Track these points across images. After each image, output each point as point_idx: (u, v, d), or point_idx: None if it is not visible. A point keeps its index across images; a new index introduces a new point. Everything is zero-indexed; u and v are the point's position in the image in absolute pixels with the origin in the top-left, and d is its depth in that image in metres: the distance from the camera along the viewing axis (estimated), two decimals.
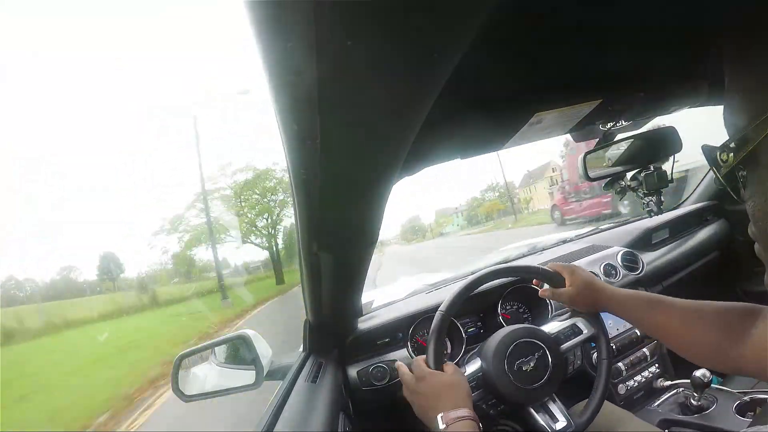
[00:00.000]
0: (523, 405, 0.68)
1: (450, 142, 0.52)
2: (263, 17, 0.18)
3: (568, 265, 0.73)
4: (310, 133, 0.27)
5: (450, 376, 0.63)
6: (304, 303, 0.80)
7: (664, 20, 0.40)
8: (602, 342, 0.72)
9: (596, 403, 0.68)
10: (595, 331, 0.72)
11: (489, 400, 0.70)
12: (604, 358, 0.71)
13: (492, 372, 0.68)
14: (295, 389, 0.71)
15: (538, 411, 0.68)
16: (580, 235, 1.47)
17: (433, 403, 0.59)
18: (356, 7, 0.17)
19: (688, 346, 0.55)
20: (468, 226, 45.27)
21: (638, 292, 0.66)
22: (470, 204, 50.59)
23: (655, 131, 0.70)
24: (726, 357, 0.50)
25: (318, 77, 0.21)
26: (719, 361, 0.52)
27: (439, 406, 0.58)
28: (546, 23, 0.36)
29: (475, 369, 0.71)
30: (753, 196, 0.31)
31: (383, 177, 0.37)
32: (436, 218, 60.54)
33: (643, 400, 1.03)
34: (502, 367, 0.68)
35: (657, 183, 0.72)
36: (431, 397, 0.61)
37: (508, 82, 0.47)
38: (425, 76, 0.24)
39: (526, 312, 1.05)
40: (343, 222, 0.47)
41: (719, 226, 1.41)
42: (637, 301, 0.63)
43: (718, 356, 0.51)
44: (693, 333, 0.54)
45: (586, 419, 0.67)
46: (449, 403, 0.57)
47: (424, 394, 0.62)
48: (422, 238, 50.57)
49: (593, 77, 0.51)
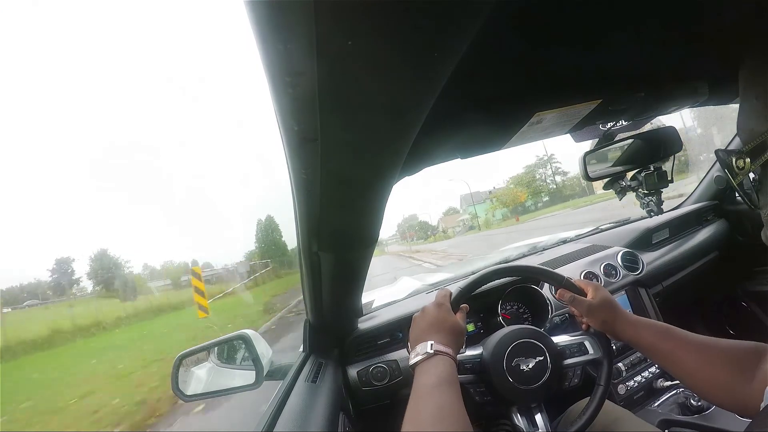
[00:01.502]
0: (510, 402, 0.68)
1: (450, 142, 0.52)
2: (263, 17, 0.18)
3: (592, 282, 0.73)
4: (311, 134, 0.27)
5: (457, 320, 0.64)
6: (304, 303, 0.80)
7: (664, 20, 0.40)
8: (604, 368, 0.70)
9: (582, 424, 0.67)
10: (600, 356, 0.71)
11: (478, 387, 0.70)
12: (601, 384, 0.69)
13: (490, 361, 0.68)
14: (295, 389, 0.71)
15: (522, 414, 0.68)
16: (580, 235, 1.47)
17: (430, 330, 0.61)
18: (356, 7, 0.17)
19: (700, 383, 0.56)
20: (509, 214, 41.46)
21: (653, 321, 0.66)
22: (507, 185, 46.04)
23: (655, 131, 0.71)
24: (735, 395, 0.50)
25: (318, 77, 0.21)
26: (729, 399, 0.52)
27: (435, 336, 0.59)
28: (546, 23, 0.36)
29: (475, 354, 0.72)
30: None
31: (383, 177, 0.37)
32: (462, 207, 54.69)
33: (643, 400, 1.03)
34: (501, 359, 0.68)
35: (657, 183, 0.72)
36: (434, 325, 0.62)
37: (508, 82, 0.47)
38: (425, 76, 0.24)
39: (526, 312, 1.05)
40: (343, 222, 0.47)
41: (719, 226, 1.41)
42: (649, 330, 0.63)
43: (728, 394, 0.51)
44: (704, 369, 0.55)
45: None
46: (444, 339, 0.59)
47: (432, 319, 0.63)
48: (469, 230, 42.47)
49: (593, 77, 0.51)
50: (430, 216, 78.59)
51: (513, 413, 0.68)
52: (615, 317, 0.67)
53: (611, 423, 0.75)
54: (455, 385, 0.51)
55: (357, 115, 0.26)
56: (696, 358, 0.56)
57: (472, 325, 1.02)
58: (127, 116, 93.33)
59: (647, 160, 0.72)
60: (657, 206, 0.75)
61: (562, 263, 1.18)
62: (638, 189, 0.74)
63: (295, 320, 6.63)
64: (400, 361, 0.92)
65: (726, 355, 0.53)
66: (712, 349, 0.55)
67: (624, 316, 0.67)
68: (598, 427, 0.72)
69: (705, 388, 0.55)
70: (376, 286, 1.52)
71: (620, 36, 0.42)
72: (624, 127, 0.68)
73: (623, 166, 0.74)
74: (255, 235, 37.12)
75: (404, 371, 0.90)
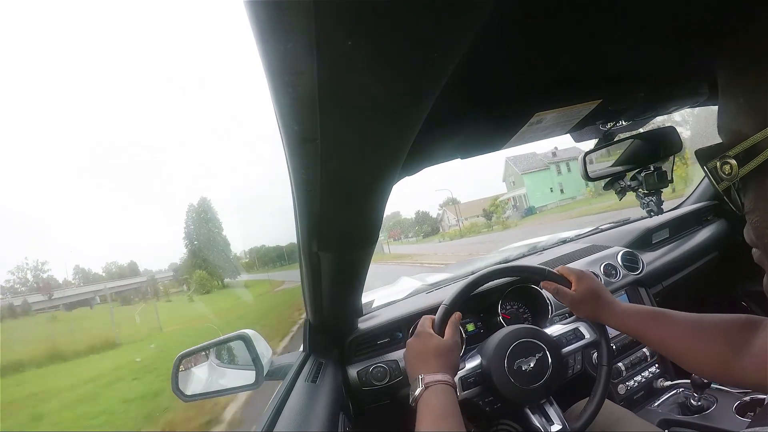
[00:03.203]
0: (520, 405, 0.68)
1: (450, 142, 0.52)
2: (263, 17, 0.18)
3: (576, 270, 0.72)
4: (311, 134, 0.27)
5: (444, 341, 0.63)
6: (304, 303, 0.80)
7: (664, 20, 0.40)
8: (603, 348, 0.72)
9: (593, 408, 0.68)
10: (596, 337, 0.72)
11: (486, 398, 0.70)
12: (604, 364, 0.71)
13: (491, 369, 0.68)
14: (295, 389, 0.71)
15: (534, 412, 0.68)
16: (580, 235, 1.47)
17: (417, 364, 0.61)
18: (356, 7, 0.17)
19: (691, 359, 0.56)
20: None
21: (640, 306, 0.66)
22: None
23: (655, 131, 0.70)
24: (728, 369, 0.50)
25: (318, 77, 0.21)
26: (722, 373, 0.52)
27: (423, 368, 0.59)
28: (546, 23, 0.36)
29: (475, 365, 0.71)
30: (757, 209, 0.29)
31: (383, 177, 0.37)
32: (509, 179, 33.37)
33: (643, 400, 1.03)
34: (502, 365, 0.68)
35: (657, 183, 0.72)
36: (419, 356, 0.62)
37: (508, 82, 0.47)
38: (425, 76, 0.24)
39: (527, 312, 1.05)
40: (343, 222, 0.47)
41: (719, 226, 1.41)
42: (639, 316, 0.63)
43: (721, 369, 0.51)
44: (695, 346, 0.55)
45: (582, 424, 0.67)
46: (433, 367, 0.59)
47: (416, 352, 0.63)
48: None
49: (593, 77, 0.51)
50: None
51: (526, 414, 0.69)
52: (601, 307, 0.67)
53: (613, 423, 0.75)
54: (453, 416, 0.52)
55: (357, 115, 0.26)
56: (686, 338, 0.56)
57: (472, 324, 1.02)
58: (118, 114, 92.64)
59: (647, 160, 0.72)
60: (657, 206, 0.75)
61: (562, 263, 1.18)
62: (638, 189, 0.74)
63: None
64: (400, 361, 0.92)
65: (716, 329, 0.53)
66: (701, 325, 0.55)
67: (610, 305, 0.66)
68: (599, 427, 0.72)
69: (698, 366, 0.55)
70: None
71: (620, 36, 0.42)
72: (624, 127, 0.68)
73: (623, 166, 0.74)
74: (183, 229, 26.78)
75: (404, 371, 0.90)
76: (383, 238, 44.20)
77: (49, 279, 34.13)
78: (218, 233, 26.68)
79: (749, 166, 0.27)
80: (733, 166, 0.28)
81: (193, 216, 26.71)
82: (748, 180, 0.28)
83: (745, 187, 0.29)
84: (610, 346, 0.72)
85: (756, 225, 0.30)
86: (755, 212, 0.29)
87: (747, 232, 0.32)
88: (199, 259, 23.85)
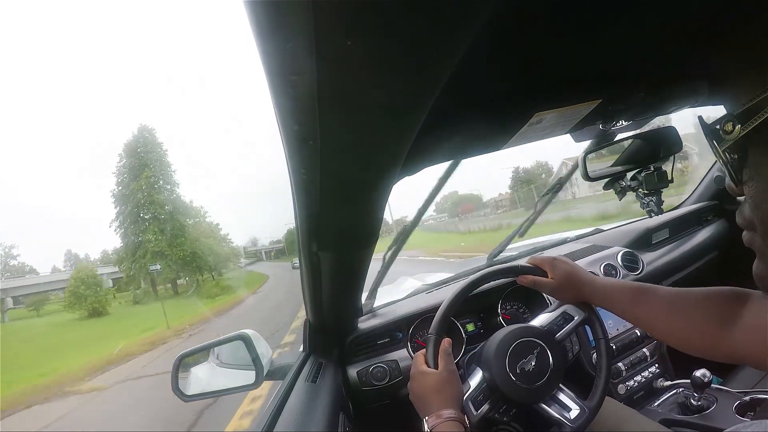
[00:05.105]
0: (534, 402, 0.68)
1: (450, 142, 0.52)
2: (263, 17, 0.18)
3: (547, 257, 0.72)
4: (310, 134, 0.27)
5: (439, 374, 0.63)
6: (305, 303, 0.80)
7: (664, 20, 0.40)
8: (595, 322, 0.72)
9: (603, 384, 0.69)
10: (586, 314, 0.72)
11: (500, 408, 0.69)
12: (601, 337, 0.71)
13: (496, 379, 0.68)
14: (295, 389, 0.71)
15: (550, 404, 0.68)
16: (580, 235, 1.47)
17: (421, 405, 0.61)
18: (356, 7, 0.17)
19: (675, 334, 0.54)
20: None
21: (622, 282, 0.64)
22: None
23: (655, 131, 0.70)
24: (716, 343, 0.48)
25: (318, 77, 0.21)
26: (709, 347, 0.50)
27: (427, 408, 0.59)
28: (546, 23, 0.36)
29: (479, 380, 0.70)
30: (755, 177, 0.28)
31: (383, 177, 0.37)
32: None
33: (643, 400, 1.03)
34: (505, 372, 0.68)
35: (657, 183, 0.72)
36: (420, 399, 0.62)
37: (508, 82, 0.47)
38: (425, 76, 0.24)
39: (527, 312, 1.05)
40: (343, 222, 0.47)
41: (719, 226, 1.41)
42: (621, 292, 0.61)
43: (707, 343, 0.50)
44: (680, 321, 0.53)
45: (596, 401, 0.67)
46: (435, 405, 0.59)
47: (417, 395, 0.64)
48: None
49: (593, 77, 0.51)
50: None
51: (542, 408, 0.69)
52: (581, 288, 0.66)
53: (616, 422, 0.75)
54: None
55: (357, 115, 0.26)
56: (669, 311, 0.54)
57: (472, 324, 1.02)
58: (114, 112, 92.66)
59: (647, 160, 0.72)
60: (657, 206, 0.75)
61: None
62: (638, 189, 0.74)
63: None
64: (400, 361, 0.92)
65: (701, 303, 0.51)
66: (684, 298, 0.54)
67: (591, 285, 0.66)
68: (605, 426, 0.72)
69: (684, 342, 0.53)
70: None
71: (620, 35, 0.42)
72: (624, 127, 0.68)
73: (623, 166, 0.74)
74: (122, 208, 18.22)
75: (404, 371, 0.90)
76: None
77: (20, 266, 33.08)
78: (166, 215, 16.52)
79: (751, 123, 0.27)
80: (736, 126, 0.28)
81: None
82: (748, 146, 0.28)
83: (745, 156, 0.29)
84: (601, 319, 0.73)
85: (752, 195, 0.29)
86: (753, 180, 0.29)
87: (741, 210, 0.32)
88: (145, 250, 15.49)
